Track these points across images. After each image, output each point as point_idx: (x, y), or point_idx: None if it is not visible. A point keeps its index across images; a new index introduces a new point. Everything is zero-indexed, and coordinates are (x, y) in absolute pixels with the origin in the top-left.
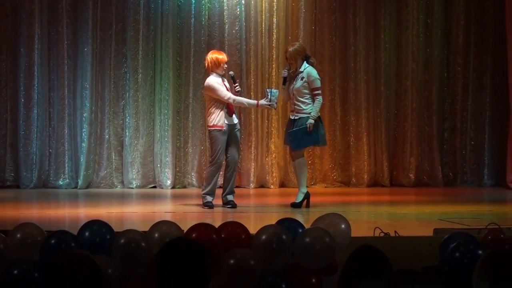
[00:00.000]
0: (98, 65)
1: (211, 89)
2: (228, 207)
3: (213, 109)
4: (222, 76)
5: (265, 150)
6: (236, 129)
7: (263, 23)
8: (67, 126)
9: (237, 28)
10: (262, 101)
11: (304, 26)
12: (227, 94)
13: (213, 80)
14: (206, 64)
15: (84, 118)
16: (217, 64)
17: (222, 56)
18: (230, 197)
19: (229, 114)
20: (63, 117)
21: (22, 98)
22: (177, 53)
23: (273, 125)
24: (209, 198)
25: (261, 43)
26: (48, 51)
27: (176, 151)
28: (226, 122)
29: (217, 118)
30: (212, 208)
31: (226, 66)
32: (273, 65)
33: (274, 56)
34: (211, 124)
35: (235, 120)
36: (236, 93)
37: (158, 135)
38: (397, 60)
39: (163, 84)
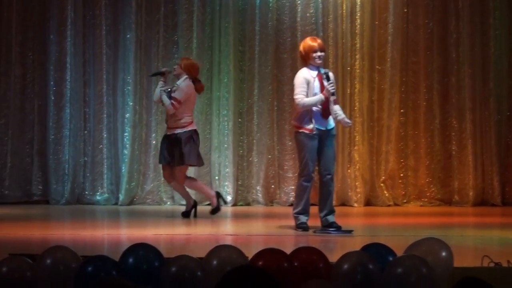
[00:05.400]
0: (143, 55)
1: (294, 84)
2: (332, 231)
3: None
4: (319, 68)
5: (346, 160)
6: (331, 135)
7: (344, 5)
8: (106, 130)
9: (312, 11)
10: (326, 86)
11: (394, 8)
12: (297, 95)
13: (300, 74)
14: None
15: (126, 120)
16: (306, 54)
17: (313, 43)
18: (331, 218)
19: (323, 116)
20: (101, 118)
21: (52, 95)
22: (239, 41)
23: (357, 129)
24: (302, 219)
25: (341, 29)
26: (83, 38)
27: (238, 160)
28: (317, 126)
29: (306, 119)
30: (307, 230)
31: (319, 54)
32: (356, 56)
33: (358, 45)
34: (298, 125)
35: (331, 125)
36: (329, 94)
37: (216, 141)
38: (510, 51)
39: (222, 79)
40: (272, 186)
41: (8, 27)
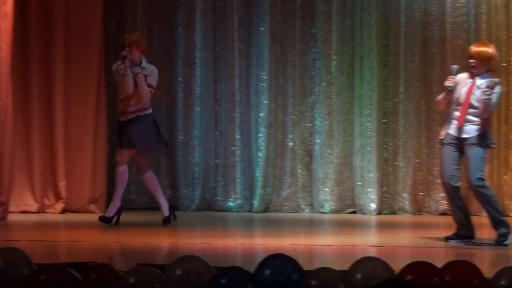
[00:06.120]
0: (278, 49)
1: None
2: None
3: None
4: (477, 77)
5: (502, 165)
6: (468, 144)
7: None
8: (239, 130)
9: (462, 1)
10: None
11: None
12: None
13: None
14: None
15: (260, 120)
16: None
17: (470, 47)
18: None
19: (458, 122)
20: (233, 117)
21: (181, 93)
22: (382, 34)
23: None
24: (458, 227)
25: (495, 21)
26: (213, 31)
27: (382, 164)
28: (450, 132)
29: (445, 123)
30: (452, 241)
31: (470, 61)
32: None
33: None
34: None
35: (468, 133)
36: (445, 88)
37: (358, 143)
38: None
39: (364, 76)
40: (421, 193)
41: (132, 20)
